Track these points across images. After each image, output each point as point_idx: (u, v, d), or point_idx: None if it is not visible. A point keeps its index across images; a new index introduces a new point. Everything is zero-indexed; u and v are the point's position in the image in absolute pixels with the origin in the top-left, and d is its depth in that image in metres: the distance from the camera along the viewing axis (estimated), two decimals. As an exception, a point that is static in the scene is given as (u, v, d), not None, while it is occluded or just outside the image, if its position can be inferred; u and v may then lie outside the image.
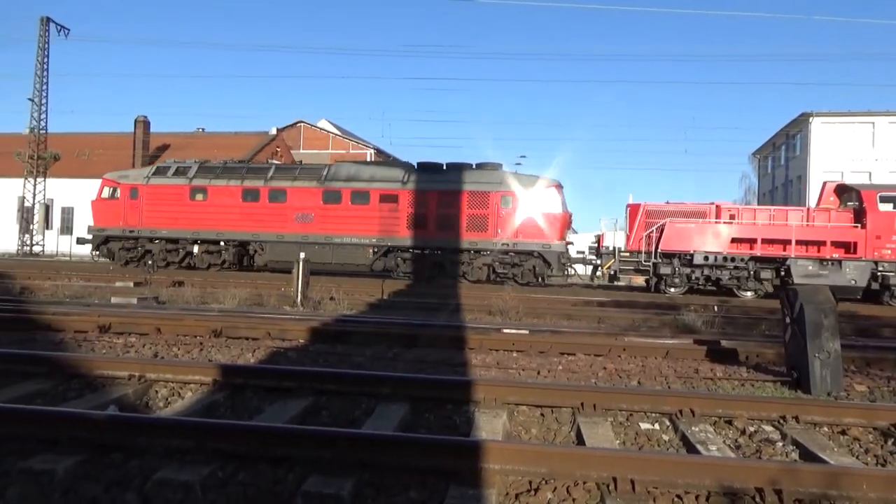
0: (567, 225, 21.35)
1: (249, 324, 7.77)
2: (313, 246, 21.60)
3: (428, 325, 8.48)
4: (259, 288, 14.48)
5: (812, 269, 19.11)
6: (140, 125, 43.46)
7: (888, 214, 18.86)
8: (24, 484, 3.03)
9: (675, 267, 19.81)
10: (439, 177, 21.65)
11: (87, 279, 15.46)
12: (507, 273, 20.92)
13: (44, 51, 36.60)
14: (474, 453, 3.23)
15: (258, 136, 48.21)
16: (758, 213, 20.32)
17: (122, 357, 5.95)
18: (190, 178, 23.26)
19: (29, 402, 4.48)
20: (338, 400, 4.74)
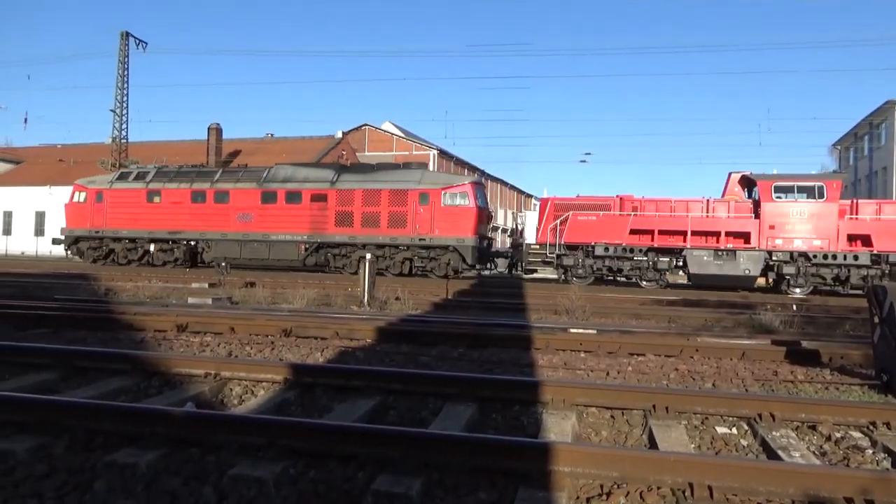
0: (482, 221, 22.41)
1: (318, 324, 7.91)
2: (253, 243, 23.70)
3: (493, 325, 8.43)
4: (327, 288, 14.79)
5: (707, 259, 19.39)
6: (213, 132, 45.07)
7: (782, 205, 19.03)
8: (109, 477, 3.16)
9: (578, 258, 20.53)
10: (364, 177, 23.28)
11: (166, 281, 16.15)
12: (426, 266, 22.22)
13: (124, 64, 38.50)
14: (544, 455, 3.17)
15: (324, 140, 49.25)
16: (659, 204, 20.52)
17: (199, 356, 6.16)
18: (147, 182, 25.54)
19: (113, 398, 4.69)
20: (405, 399, 4.76)
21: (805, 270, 19.13)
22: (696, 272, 19.57)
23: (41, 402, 3.88)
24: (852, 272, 18.87)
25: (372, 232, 22.69)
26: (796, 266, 19.07)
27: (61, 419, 3.65)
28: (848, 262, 18.78)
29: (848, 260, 18.76)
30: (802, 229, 19.04)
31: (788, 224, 19.11)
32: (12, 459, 3.33)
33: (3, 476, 3.16)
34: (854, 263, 18.73)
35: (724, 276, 19.28)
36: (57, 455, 3.42)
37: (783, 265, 19.07)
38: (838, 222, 18.87)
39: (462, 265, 21.95)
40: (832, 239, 18.88)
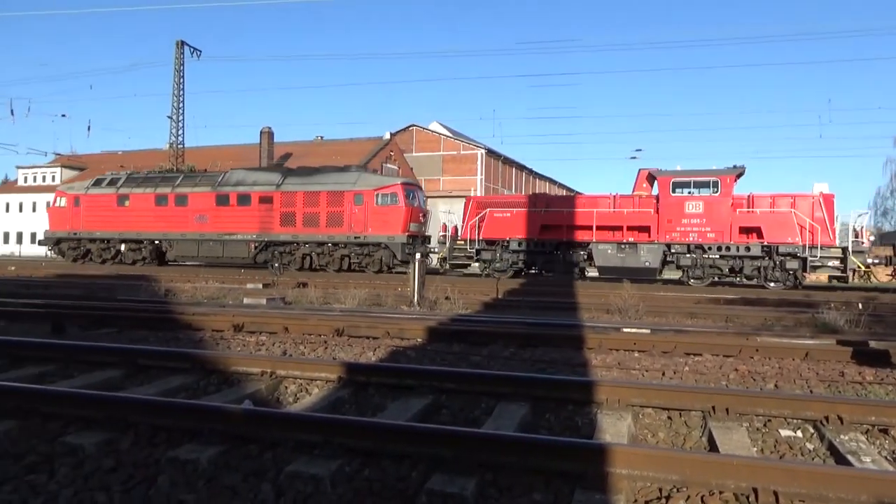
0: (413, 219, 23.87)
1: (370, 323, 7.99)
2: (209, 242, 25.87)
3: (544, 325, 8.35)
4: (377, 288, 14.92)
5: (611, 252, 20.51)
6: (265, 136, 46.10)
7: (679, 199, 19.90)
8: (172, 472, 3.25)
9: (496, 253, 21.82)
10: (306, 179, 25.29)
11: (222, 282, 16.58)
12: (361, 262, 24.08)
13: (179, 72, 39.74)
14: (600, 456, 3.11)
15: (372, 142, 49.76)
16: (570, 201, 22.05)
17: (255, 354, 6.29)
18: (118, 187, 28.02)
19: (174, 395, 4.83)
20: (457, 399, 4.76)
21: (702, 262, 20.00)
22: (602, 265, 20.68)
23: (108, 398, 4.02)
24: (746, 263, 19.62)
25: (312, 231, 24.63)
26: (693, 258, 19.95)
27: (127, 415, 3.78)
28: (740, 254, 19.53)
29: (740, 252, 19.53)
30: (698, 222, 19.90)
31: (685, 217, 19.98)
32: (81, 453, 3.46)
33: (73, 469, 3.28)
34: (746, 255, 19.49)
35: (627, 269, 20.17)
36: (123, 450, 3.54)
37: (680, 257, 20.02)
38: (731, 215, 19.65)
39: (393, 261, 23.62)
40: (725, 231, 19.68)
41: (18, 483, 3.13)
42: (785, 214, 19.33)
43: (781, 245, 19.23)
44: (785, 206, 19.45)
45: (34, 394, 4.15)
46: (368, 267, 23.77)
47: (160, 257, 27.43)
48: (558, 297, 13.90)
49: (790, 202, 19.53)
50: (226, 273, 21.10)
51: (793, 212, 19.24)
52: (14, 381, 4.90)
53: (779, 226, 19.35)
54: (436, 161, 55.16)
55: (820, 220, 19.14)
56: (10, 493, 3.03)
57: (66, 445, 3.52)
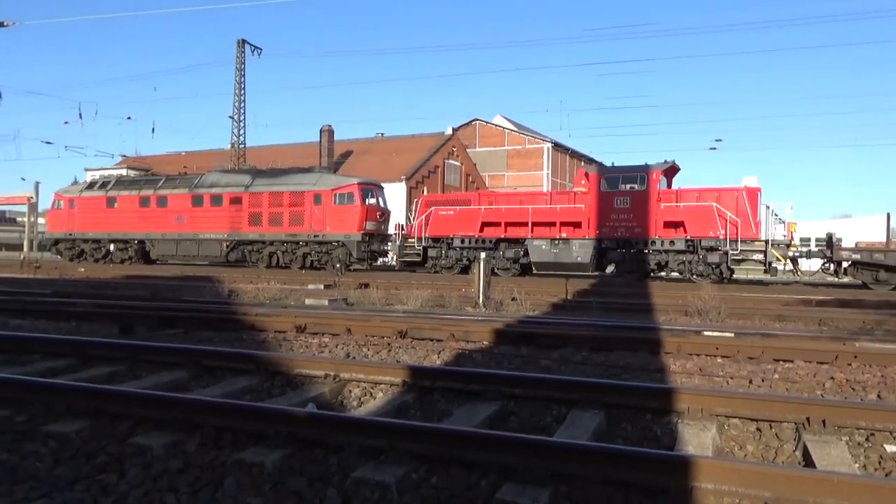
0: (370, 218, 25.53)
1: (433, 325, 8.02)
2: (186, 242, 28.26)
3: (618, 327, 8.19)
4: (440, 289, 14.98)
5: (545, 248, 21.72)
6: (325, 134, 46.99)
7: (608, 195, 20.86)
8: (238, 475, 3.34)
9: (441, 250, 23.38)
10: (272, 180, 27.48)
11: (283, 282, 17.01)
12: (321, 260, 25.77)
13: (240, 70, 41.01)
14: (684, 470, 3.01)
15: (434, 138, 50.01)
16: (510, 198, 23.60)
17: (318, 357, 6.41)
18: (107, 190, 30.65)
19: (238, 397, 4.97)
20: (527, 405, 4.71)
21: (630, 256, 21.00)
22: (536, 260, 21.98)
23: (175, 400, 4.17)
24: (671, 258, 20.44)
25: (277, 230, 26.67)
26: (622, 252, 20.96)
27: (193, 417, 3.91)
28: (665, 248, 20.37)
29: (665, 246, 20.36)
30: (625, 217, 20.85)
31: (613, 213, 20.92)
32: (150, 454, 3.60)
33: (142, 470, 3.42)
34: (671, 249, 20.32)
35: (560, 264, 21.54)
36: (190, 451, 3.66)
37: (610, 252, 21.08)
38: (657, 210, 20.43)
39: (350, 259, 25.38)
40: (651, 226, 20.51)
41: (90, 482, 3.28)
42: (707, 208, 19.98)
43: (704, 239, 19.93)
44: (709, 201, 20.12)
45: (104, 394, 4.35)
46: (327, 265, 25.53)
47: (145, 256, 29.86)
48: (632, 298, 13.62)
49: (716, 196, 20.21)
50: (287, 274, 21.65)
51: (714, 206, 19.83)
52: (85, 380, 5.15)
53: (701, 220, 20.01)
54: (499, 156, 55.05)
55: (743, 214, 19.60)
56: (82, 492, 3.18)
57: (135, 446, 3.67)
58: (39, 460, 3.55)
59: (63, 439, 3.81)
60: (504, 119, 58.47)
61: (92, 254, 30.63)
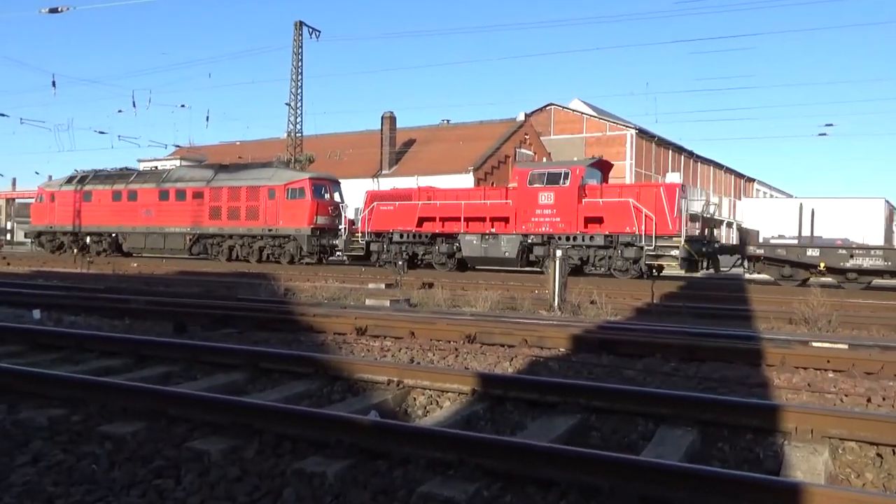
0: (321, 213, 27.81)
1: (504, 329, 8.01)
2: (153, 235, 31.21)
3: (712, 335, 7.97)
4: (511, 290, 14.95)
5: (476, 242, 23.69)
6: (387, 121, 47.53)
7: (533, 190, 22.71)
8: (298, 485, 3.41)
9: (383, 244, 25.53)
10: (231, 175, 30.30)
11: (342, 281, 17.32)
12: (275, 253, 28.60)
13: (298, 55, 41.86)
14: (792, 498, 2.90)
15: (504, 124, 49.89)
16: (447, 193, 25.83)
17: (381, 361, 6.50)
18: (84, 184, 33.97)
19: (297, 402, 5.07)
20: (610, 420, 4.64)
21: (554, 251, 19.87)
22: (468, 255, 24.05)
23: (233, 404, 4.31)
24: (592, 253, 22.07)
25: (235, 224, 29.45)
26: (546, 248, 22.23)
27: (252, 422, 4.02)
28: (586, 243, 22.00)
29: (586, 241, 21.98)
30: (549, 213, 22.53)
31: (538, 209, 22.64)
32: (207, 460, 3.72)
33: (199, 476, 3.53)
34: (591, 244, 21.93)
35: (490, 258, 23.72)
36: (248, 458, 3.77)
37: (535, 247, 22.79)
38: (578, 206, 22.07)
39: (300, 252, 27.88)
40: (573, 222, 22.15)
41: (146, 487, 3.41)
42: (623, 204, 21.48)
43: (622, 234, 21.45)
44: (627, 197, 21.72)
45: (161, 395, 4.53)
46: (282, 257, 28.27)
47: (118, 249, 33.00)
48: (727, 303, 13.25)
49: (635, 192, 21.97)
50: (346, 272, 22.04)
51: (631, 202, 21.31)
52: (140, 380, 5.36)
53: (619, 216, 21.47)
54: (577, 144, 54.43)
55: (660, 210, 20.95)
56: (138, 497, 3.31)
57: (192, 451, 3.80)
58: (95, 462, 3.72)
59: (119, 441, 3.98)
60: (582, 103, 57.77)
61: (70, 245, 33.79)
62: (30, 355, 6.58)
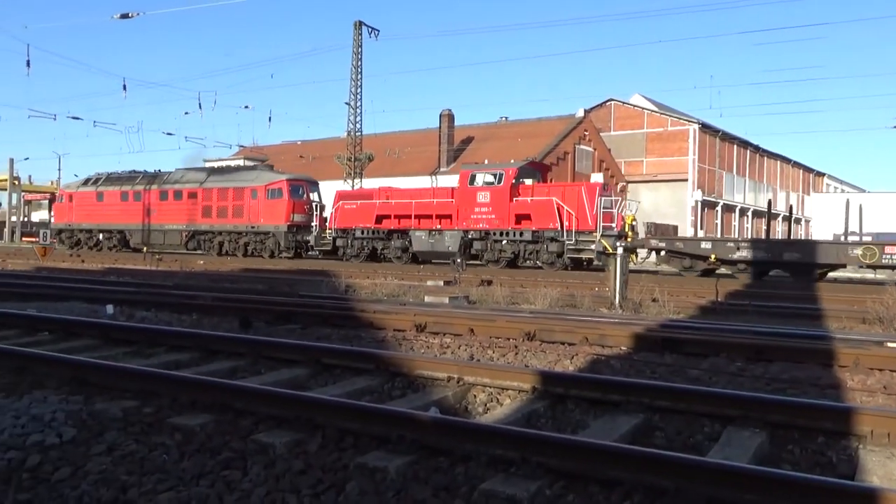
0: (297, 211, 30.61)
1: (565, 327, 7.94)
2: (154, 232, 34.52)
3: (780, 334, 7.73)
4: (570, 288, 14.82)
5: (424, 238, 26.05)
6: (445, 119, 47.64)
7: (472, 190, 25.08)
8: (361, 479, 3.45)
9: (348, 240, 28.27)
10: (220, 177, 33.91)
11: (401, 278, 17.45)
12: (257, 249, 31.51)
13: (357, 54, 42.34)
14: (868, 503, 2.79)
15: (563, 121, 49.45)
16: (403, 193, 28.13)
17: (440, 358, 6.52)
18: (97, 186, 37.92)
19: (358, 397, 5.13)
20: (674, 420, 4.55)
21: (492, 246, 25.18)
22: (418, 249, 26.43)
23: (297, 398, 4.38)
24: (522, 247, 24.35)
25: (223, 221, 32.56)
26: (484, 243, 25.08)
27: (315, 416, 4.09)
28: (517, 239, 24.31)
29: (516, 237, 24.32)
30: (486, 211, 24.86)
31: (477, 207, 25.02)
32: (272, 453, 3.80)
33: (265, 469, 3.61)
34: (521, 239, 24.23)
35: (436, 252, 25.91)
36: (311, 452, 3.83)
37: (474, 241, 25.28)
38: (510, 204, 24.35)
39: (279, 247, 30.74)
40: (505, 218, 24.41)
41: (215, 478, 3.50)
42: (548, 202, 23.81)
43: (546, 230, 23.72)
44: (552, 196, 23.97)
45: (228, 389, 4.65)
46: (262, 252, 31.27)
47: (126, 245, 36.49)
48: (796, 301, 12.84)
49: (560, 192, 24.20)
50: (405, 270, 22.21)
51: (554, 200, 23.64)
52: (207, 374, 5.52)
53: (544, 213, 23.77)
54: (638, 140, 53.59)
55: (581, 208, 23.22)
56: (207, 487, 3.40)
57: (258, 443, 3.89)
58: (166, 452, 3.84)
59: (188, 432, 4.10)
60: (643, 98, 56.77)
61: (86, 242, 38.16)
62: (104, 349, 6.83)
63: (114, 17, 26.02)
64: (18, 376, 5.50)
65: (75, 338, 7.34)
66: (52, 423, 4.21)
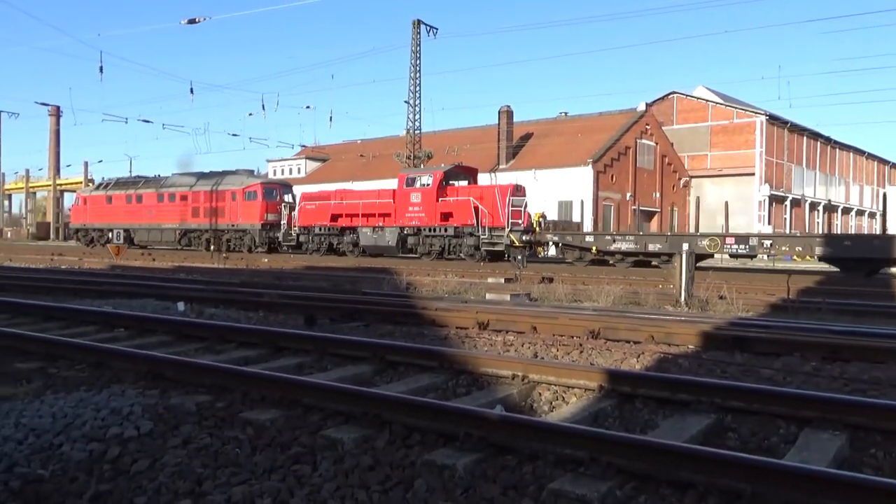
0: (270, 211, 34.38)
1: (629, 325, 7.81)
2: (153, 231, 39.40)
3: (857, 333, 7.44)
4: (633, 285, 14.59)
5: (369, 234, 29.57)
6: (503, 116, 47.48)
7: (407, 191, 28.44)
8: (428, 477, 3.47)
9: (309, 236, 32.00)
10: (207, 181, 37.45)
11: (461, 276, 17.47)
12: (237, 245, 35.18)
13: (416, 53, 42.53)
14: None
15: (624, 115, 48.71)
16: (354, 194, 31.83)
17: (504, 356, 6.49)
18: (107, 190, 43.30)
19: (422, 394, 5.15)
20: (747, 421, 4.43)
21: (423, 241, 28.51)
22: (364, 244, 30.01)
23: (365, 394, 4.44)
24: (447, 242, 27.73)
25: (210, 221, 36.37)
26: (416, 238, 28.51)
27: (383, 413, 4.13)
28: (442, 234, 27.76)
29: (441, 232, 27.75)
30: (417, 210, 28.22)
31: (410, 206, 28.35)
32: (341, 448, 3.85)
33: (334, 464, 3.66)
34: (445, 234, 27.69)
35: (379, 247, 29.43)
36: (379, 448, 3.87)
37: (409, 237, 28.72)
38: (436, 204, 27.65)
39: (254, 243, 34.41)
40: (433, 216, 27.78)
41: (285, 472, 3.57)
42: (465, 202, 27.07)
43: (465, 227, 26.97)
44: (470, 196, 27.20)
45: (298, 385, 4.74)
46: (241, 248, 34.74)
47: (132, 242, 39.83)
48: (873, 299, 12.34)
49: (479, 193, 27.40)
50: (465, 267, 22.24)
51: (471, 200, 26.90)
52: (275, 370, 5.62)
53: (463, 212, 27.03)
54: (702, 133, 52.37)
55: (494, 207, 26.24)
56: (278, 481, 3.47)
57: (327, 439, 3.95)
58: (238, 446, 3.93)
59: (259, 427, 4.19)
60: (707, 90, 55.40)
61: (98, 240, 42.42)
62: (177, 345, 7.04)
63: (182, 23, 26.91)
64: (97, 370, 5.73)
65: (150, 334, 7.60)
66: (129, 416, 4.37)
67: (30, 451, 3.85)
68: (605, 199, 45.46)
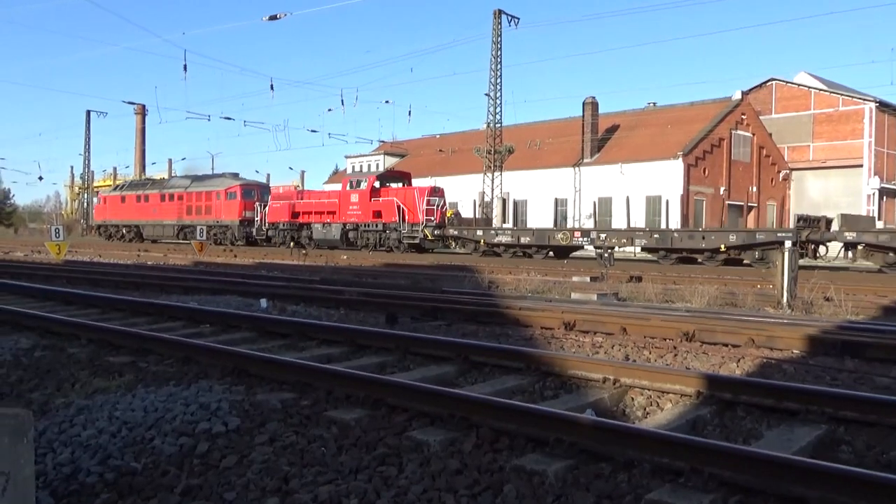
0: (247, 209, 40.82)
1: (727, 327, 7.56)
2: (157, 227, 46.97)
3: None
4: (729, 284, 14.14)
5: (320, 230, 36.14)
6: (588, 107, 46.77)
7: (347, 193, 35.23)
8: (518, 483, 3.43)
9: (276, 231, 38.12)
10: (200, 183, 45.39)
11: (545, 274, 17.32)
12: (220, 238, 41.40)
13: (497, 44, 42.37)
14: None
15: (718, 105, 47.24)
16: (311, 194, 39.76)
17: (594, 358, 6.39)
18: (122, 191, 51.89)
19: (509, 396, 5.12)
20: (862, 432, 4.21)
21: (361, 235, 34.50)
22: (316, 238, 35.77)
23: (451, 395, 4.44)
24: (380, 236, 33.60)
25: (199, 218, 43.03)
26: (356, 233, 34.66)
27: (470, 415, 4.12)
28: (373, 229, 33.81)
29: (373, 227, 33.82)
30: (355, 208, 34.57)
31: (351, 206, 34.66)
32: (427, 450, 3.86)
33: (420, 466, 3.68)
34: (375, 230, 33.73)
35: (327, 240, 35.11)
36: (466, 451, 3.86)
37: (350, 231, 34.85)
38: (369, 203, 33.99)
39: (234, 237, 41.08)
40: (367, 215, 34.03)
41: (371, 473, 3.61)
42: (390, 202, 33.07)
43: (390, 223, 32.68)
44: (393, 197, 33.25)
45: (382, 384, 4.79)
46: (224, 241, 40.62)
47: (141, 237, 48.04)
48: None
49: (402, 194, 33.26)
50: (548, 265, 22.07)
51: (395, 200, 32.86)
52: (358, 368, 5.69)
53: (389, 210, 32.98)
54: (803, 123, 50.20)
55: (413, 206, 31.94)
56: (364, 482, 3.51)
57: (413, 440, 3.97)
58: (324, 446, 4.01)
59: (344, 426, 4.26)
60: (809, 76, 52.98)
61: (115, 235, 50.92)
62: (260, 341, 7.25)
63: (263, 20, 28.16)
64: (185, 366, 5.96)
65: (234, 330, 7.85)
66: (217, 412, 4.51)
67: (123, 443, 4.03)
68: (696, 194, 44.16)
